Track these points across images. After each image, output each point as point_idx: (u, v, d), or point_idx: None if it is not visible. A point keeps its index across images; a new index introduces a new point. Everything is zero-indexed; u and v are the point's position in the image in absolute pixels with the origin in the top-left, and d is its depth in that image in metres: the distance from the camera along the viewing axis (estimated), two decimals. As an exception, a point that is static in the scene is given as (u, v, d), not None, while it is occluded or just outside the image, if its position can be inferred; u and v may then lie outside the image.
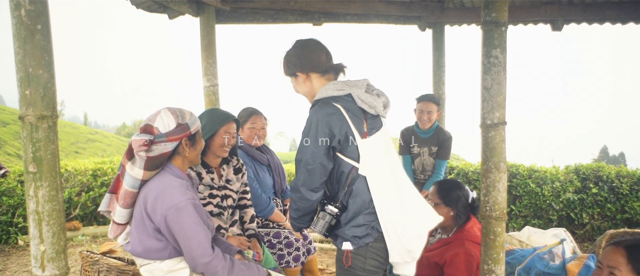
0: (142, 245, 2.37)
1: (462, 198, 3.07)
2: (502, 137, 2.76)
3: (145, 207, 2.32)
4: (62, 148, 30.25)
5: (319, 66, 2.44)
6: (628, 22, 5.40)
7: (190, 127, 2.41)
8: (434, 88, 5.89)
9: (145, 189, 2.36)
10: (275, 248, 3.60)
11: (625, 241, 2.05)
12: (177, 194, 2.27)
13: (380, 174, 2.37)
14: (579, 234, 6.07)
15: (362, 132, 2.37)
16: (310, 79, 2.47)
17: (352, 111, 2.36)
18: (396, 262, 2.38)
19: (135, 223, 2.40)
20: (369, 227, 2.34)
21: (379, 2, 5.36)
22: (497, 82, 2.73)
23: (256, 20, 5.15)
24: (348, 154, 2.35)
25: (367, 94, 2.43)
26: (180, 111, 2.42)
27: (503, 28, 2.74)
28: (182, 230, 2.26)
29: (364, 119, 2.41)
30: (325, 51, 2.48)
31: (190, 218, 2.26)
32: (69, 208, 6.56)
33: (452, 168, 6.69)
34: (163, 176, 2.37)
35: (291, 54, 2.48)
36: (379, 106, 2.45)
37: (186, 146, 2.42)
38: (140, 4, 4.63)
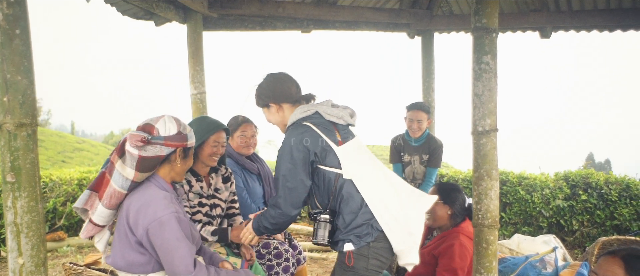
0: (124, 258, 2.29)
1: (460, 199, 3.12)
2: (494, 144, 2.73)
3: (128, 219, 2.24)
4: (48, 157, 29.95)
5: (290, 97, 2.64)
6: (615, 29, 5.42)
7: (188, 140, 2.37)
8: (424, 95, 5.87)
9: (128, 200, 2.28)
10: (265, 258, 3.53)
11: (621, 251, 2.02)
12: (160, 207, 2.20)
13: (365, 174, 2.51)
14: (568, 241, 6.06)
15: (336, 141, 2.53)
16: (282, 109, 2.66)
17: (322, 125, 2.54)
18: (400, 249, 2.45)
19: (118, 236, 2.31)
20: (367, 225, 2.42)
21: (367, 10, 5.34)
22: (488, 88, 2.70)
23: (244, 27, 5.09)
24: (329, 163, 2.48)
25: (333, 107, 2.63)
26: (183, 123, 2.40)
27: (493, 34, 2.72)
28: (164, 244, 2.18)
29: (336, 130, 2.59)
30: (295, 83, 2.70)
31: (173, 232, 2.18)
32: (54, 218, 6.44)
33: (442, 175, 6.67)
34: (147, 187, 2.30)
35: (264, 86, 2.69)
36: (345, 115, 2.63)
37: (179, 157, 2.37)
38: (126, 10, 4.56)
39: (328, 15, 5.18)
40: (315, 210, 2.57)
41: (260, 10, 4.84)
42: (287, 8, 4.92)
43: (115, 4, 4.34)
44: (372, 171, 2.55)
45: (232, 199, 3.43)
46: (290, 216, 2.51)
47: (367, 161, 2.59)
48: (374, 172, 2.56)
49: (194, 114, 4.70)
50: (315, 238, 2.51)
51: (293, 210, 2.49)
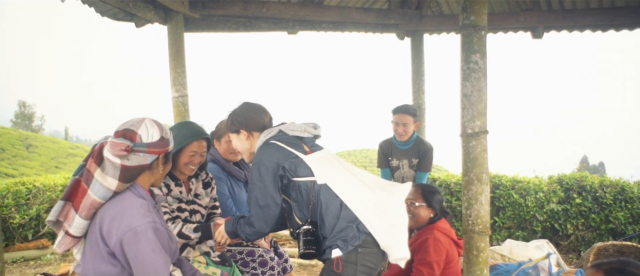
0: (95, 270, 2.12)
1: (440, 200, 3.11)
2: (484, 147, 2.63)
3: (101, 229, 2.07)
4: (42, 163, 29.83)
5: (262, 127, 2.72)
6: (608, 29, 5.34)
7: (169, 145, 2.20)
8: (414, 98, 5.76)
9: (102, 209, 2.11)
10: (249, 267, 3.42)
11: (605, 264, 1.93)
12: (136, 217, 2.03)
13: (337, 177, 2.51)
14: (563, 245, 5.96)
15: (304, 152, 2.57)
16: (252, 137, 2.73)
17: (286, 141, 2.58)
18: (387, 245, 2.40)
19: (90, 245, 2.15)
20: (352, 228, 2.40)
21: (355, 10, 5.22)
22: (478, 88, 2.60)
23: (227, 29, 4.96)
24: (301, 174, 2.49)
25: (295, 124, 2.68)
26: (163, 125, 2.22)
27: (482, 32, 2.62)
28: (138, 256, 2.01)
29: (303, 143, 2.63)
30: (269, 115, 2.79)
31: (149, 243, 2.02)
32: (38, 225, 6.30)
33: (434, 179, 6.57)
34: (123, 195, 2.13)
35: (237, 112, 2.77)
36: (309, 128, 2.68)
37: (161, 163, 2.20)
38: (105, 11, 4.43)
39: (314, 16, 5.06)
40: (296, 229, 2.56)
41: (244, 11, 4.71)
42: (272, 8, 4.79)
43: (93, 4, 4.21)
44: (343, 173, 2.55)
45: (214, 206, 3.32)
46: (264, 233, 2.60)
47: (337, 165, 2.59)
48: (345, 174, 2.55)
49: (176, 118, 4.58)
50: (301, 250, 2.47)
51: (266, 228, 2.56)
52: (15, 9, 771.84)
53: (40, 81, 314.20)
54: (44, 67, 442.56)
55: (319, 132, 2.74)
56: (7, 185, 6.45)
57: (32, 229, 6.23)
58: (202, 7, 4.66)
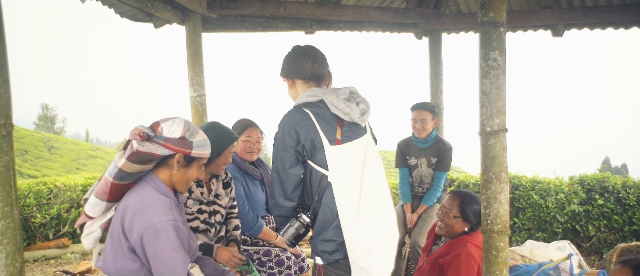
0: (115, 264, 2.16)
1: (478, 212, 2.97)
2: (503, 145, 2.58)
3: (123, 223, 2.12)
4: (63, 164, 30.29)
5: (302, 74, 2.46)
6: (632, 26, 5.22)
7: (191, 148, 2.21)
8: (432, 97, 5.72)
9: (124, 202, 2.17)
10: (266, 266, 3.43)
11: (632, 260, 1.93)
12: (158, 214, 2.07)
13: (346, 183, 2.31)
14: (585, 247, 5.85)
15: (333, 139, 2.34)
16: (295, 85, 2.50)
17: (322, 117, 2.35)
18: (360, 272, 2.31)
19: (111, 239, 2.19)
20: (337, 243, 2.32)
21: (373, 9, 5.19)
22: (497, 86, 2.56)
23: (245, 28, 4.97)
24: (317, 161, 2.33)
25: (343, 101, 2.38)
26: (194, 130, 2.24)
27: (501, 29, 2.58)
28: (157, 253, 2.04)
29: (339, 126, 2.38)
30: (313, 58, 2.46)
31: (169, 241, 2.05)
32: (59, 224, 6.38)
33: (452, 180, 6.51)
34: (145, 190, 2.18)
35: (285, 58, 2.54)
36: (353, 113, 2.38)
37: (178, 164, 2.22)
38: (124, 12, 4.48)
39: (332, 16, 5.04)
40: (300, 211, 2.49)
41: (261, 11, 4.72)
42: (289, 8, 4.79)
43: (113, 6, 4.26)
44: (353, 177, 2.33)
45: (232, 205, 3.35)
46: (285, 207, 2.44)
47: (355, 164, 2.36)
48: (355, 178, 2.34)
49: (194, 117, 4.60)
50: (284, 233, 2.48)
51: (287, 202, 2.42)
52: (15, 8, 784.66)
53: (61, 85, 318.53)
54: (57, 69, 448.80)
55: (362, 122, 2.45)
56: (29, 185, 6.54)
57: (53, 228, 6.31)
58: (220, 7, 4.67)
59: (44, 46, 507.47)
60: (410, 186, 4.57)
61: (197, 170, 2.29)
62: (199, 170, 2.30)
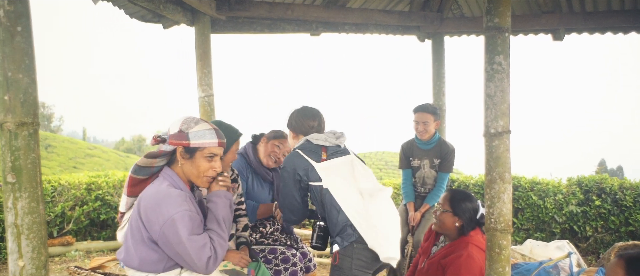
0: (137, 255, 2.26)
1: (470, 211, 3.07)
2: (507, 146, 2.66)
3: (140, 214, 2.23)
4: (60, 163, 30.19)
5: (307, 131, 3.20)
6: (630, 31, 5.31)
7: (189, 139, 2.31)
8: (435, 100, 5.80)
9: (142, 195, 2.29)
10: (271, 264, 3.47)
11: (627, 254, 2.07)
12: (173, 205, 2.18)
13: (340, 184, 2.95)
14: (582, 247, 5.95)
15: (319, 159, 3.04)
16: (297, 138, 3.24)
17: (309, 150, 3.07)
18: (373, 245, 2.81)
19: (130, 231, 2.29)
20: (347, 227, 2.85)
21: (377, 12, 5.27)
22: (501, 89, 2.64)
23: (253, 30, 5.05)
24: (312, 179, 2.99)
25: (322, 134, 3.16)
26: (192, 121, 2.35)
27: (506, 34, 2.66)
28: (181, 241, 2.16)
29: (324, 151, 3.09)
30: (317, 121, 3.23)
31: (187, 229, 2.17)
32: (63, 222, 6.44)
33: (453, 180, 6.59)
34: (161, 184, 2.29)
35: (293, 113, 3.28)
36: (330, 138, 3.13)
37: (181, 157, 2.33)
38: (134, 13, 4.54)
39: (337, 18, 5.12)
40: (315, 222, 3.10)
41: (269, 13, 4.80)
42: (296, 10, 4.87)
43: (123, 6, 4.32)
44: (345, 182, 2.98)
45: (239, 201, 3.38)
46: (291, 221, 3.21)
47: (344, 173, 3.02)
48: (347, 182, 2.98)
49: (202, 117, 4.63)
50: (312, 243, 3.06)
51: (291, 217, 3.16)
52: None
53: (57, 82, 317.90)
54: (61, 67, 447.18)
55: (341, 142, 3.17)
56: (34, 182, 6.59)
57: (57, 226, 6.36)
58: (229, 9, 4.75)
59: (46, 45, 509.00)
60: (413, 187, 4.64)
61: (206, 160, 2.34)
62: (211, 160, 2.35)
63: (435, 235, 3.30)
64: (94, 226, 6.76)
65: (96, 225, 6.76)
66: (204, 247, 2.21)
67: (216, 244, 2.27)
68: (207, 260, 2.20)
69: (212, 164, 2.36)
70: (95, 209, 6.59)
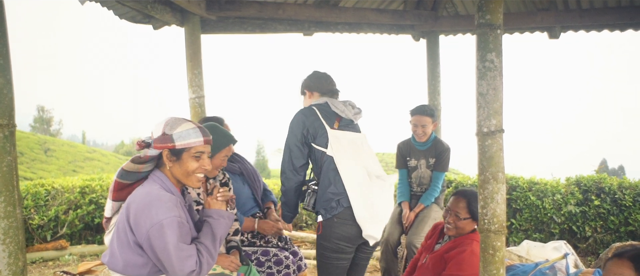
0: (122, 258, 2.22)
1: None
2: (500, 145, 2.61)
3: (128, 217, 2.18)
4: (59, 166, 30.23)
5: (320, 88, 3.28)
6: (627, 28, 5.26)
7: (174, 141, 2.25)
8: (430, 99, 5.75)
9: (130, 197, 2.24)
10: (264, 266, 3.44)
11: (628, 252, 1.98)
12: (162, 210, 2.13)
13: (346, 155, 3.04)
14: (581, 247, 5.89)
15: (332, 125, 3.10)
16: (313, 96, 3.29)
17: (325, 112, 3.13)
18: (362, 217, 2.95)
19: (117, 234, 2.25)
20: (334, 200, 2.97)
21: (371, 11, 5.22)
22: (493, 87, 2.59)
23: (243, 30, 5.00)
24: (318, 143, 3.06)
25: (342, 103, 3.18)
26: (174, 123, 2.30)
27: (498, 31, 2.61)
28: (166, 248, 2.11)
29: (337, 121, 3.14)
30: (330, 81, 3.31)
31: (174, 236, 2.12)
32: (56, 226, 6.38)
33: (450, 181, 6.53)
34: (152, 187, 2.25)
35: (306, 77, 3.37)
36: (348, 111, 3.17)
37: (168, 160, 2.28)
38: (123, 14, 4.49)
39: (330, 17, 5.07)
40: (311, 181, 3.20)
41: (260, 13, 4.74)
42: (288, 10, 4.81)
43: (112, 7, 4.27)
44: (353, 156, 3.06)
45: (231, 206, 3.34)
46: (293, 179, 3.14)
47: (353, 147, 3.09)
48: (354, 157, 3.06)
49: (193, 119, 4.58)
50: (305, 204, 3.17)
51: (294, 174, 3.13)
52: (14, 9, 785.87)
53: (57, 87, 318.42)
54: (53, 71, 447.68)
55: (356, 118, 3.23)
56: (27, 186, 6.54)
57: (51, 230, 6.31)
58: (219, 9, 4.69)
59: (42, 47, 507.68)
60: (409, 187, 4.59)
61: (194, 160, 2.29)
62: (199, 159, 2.30)
63: (439, 233, 3.30)
64: (89, 230, 6.70)
65: (91, 229, 6.70)
66: (190, 258, 2.16)
67: (204, 260, 2.22)
68: (189, 272, 2.15)
69: (201, 163, 2.31)
70: (89, 213, 6.53)
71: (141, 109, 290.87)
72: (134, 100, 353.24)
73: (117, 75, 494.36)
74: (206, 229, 2.33)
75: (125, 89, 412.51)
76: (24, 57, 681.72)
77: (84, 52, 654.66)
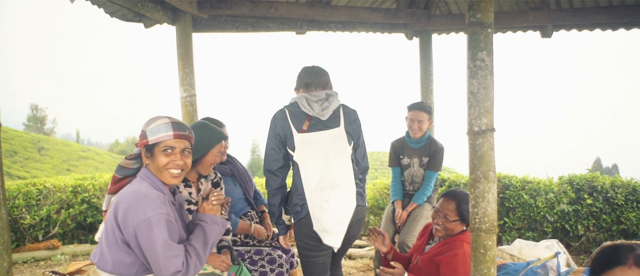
0: (111, 257, 2.20)
1: None
2: (491, 144, 2.60)
3: (116, 215, 2.16)
4: (53, 165, 30.08)
5: (300, 83, 3.22)
6: (619, 28, 5.27)
7: (147, 137, 2.27)
8: (423, 97, 5.74)
9: (119, 195, 2.23)
10: (257, 265, 3.44)
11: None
12: (150, 207, 2.11)
13: (311, 160, 3.00)
14: (574, 246, 5.90)
15: (299, 129, 3.03)
16: (299, 92, 3.22)
17: (293, 114, 3.07)
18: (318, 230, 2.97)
19: (105, 233, 2.23)
20: (298, 206, 3.03)
21: (363, 10, 5.20)
22: (484, 86, 2.58)
23: (235, 29, 4.97)
24: (289, 146, 3.06)
25: (313, 102, 3.07)
26: (151, 119, 2.32)
27: (489, 29, 2.60)
28: (153, 246, 2.10)
29: (307, 120, 3.05)
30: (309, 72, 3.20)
31: (162, 234, 2.10)
32: (48, 226, 6.34)
33: (443, 180, 6.53)
34: (140, 185, 2.24)
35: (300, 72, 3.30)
36: (316, 107, 3.06)
37: (145, 157, 2.30)
38: (114, 12, 4.46)
39: (322, 16, 5.04)
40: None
41: (252, 11, 4.71)
42: (280, 8, 4.79)
43: (102, 5, 4.24)
44: (317, 160, 3.00)
45: (221, 205, 3.32)
46: (270, 182, 3.12)
47: (320, 150, 3.02)
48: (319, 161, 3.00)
49: (184, 118, 4.58)
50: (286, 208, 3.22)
51: (270, 177, 3.11)
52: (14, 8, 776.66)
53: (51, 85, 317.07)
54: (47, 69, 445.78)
55: (324, 115, 3.05)
56: (18, 186, 6.49)
57: (42, 230, 6.27)
58: (210, 7, 4.66)
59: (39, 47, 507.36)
60: (402, 186, 4.58)
61: (164, 155, 2.27)
62: (169, 154, 2.27)
63: (429, 233, 3.29)
64: (81, 229, 6.66)
65: (83, 228, 6.66)
66: (176, 258, 2.14)
67: (191, 262, 2.20)
68: (175, 271, 2.13)
69: (171, 158, 2.27)
70: (81, 212, 6.49)
71: (136, 108, 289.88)
72: (129, 99, 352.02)
73: (113, 74, 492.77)
74: (198, 232, 2.31)
75: (121, 88, 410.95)
76: (21, 57, 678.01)
77: (81, 52, 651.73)
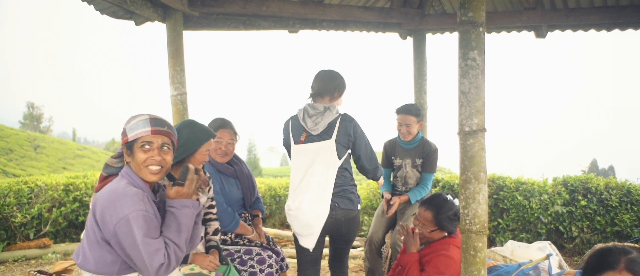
0: (93, 256, 2.18)
1: (451, 217, 3.11)
2: (482, 145, 2.58)
3: (95, 214, 2.15)
4: (50, 163, 30.04)
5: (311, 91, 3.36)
6: (613, 28, 5.24)
7: (126, 134, 2.27)
8: (416, 97, 5.70)
9: (98, 194, 2.22)
10: (247, 265, 3.42)
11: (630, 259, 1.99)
12: (128, 204, 2.10)
13: (294, 171, 3.31)
14: (568, 248, 5.88)
15: (297, 140, 3.32)
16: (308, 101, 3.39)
17: (294, 126, 3.36)
18: (296, 232, 3.36)
19: (86, 232, 2.23)
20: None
21: (357, 9, 5.16)
22: (475, 86, 2.55)
23: (227, 27, 4.91)
24: (288, 154, 3.39)
25: (308, 116, 3.26)
26: (132, 117, 2.31)
27: (480, 28, 2.57)
28: (134, 243, 2.08)
29: (305, 132, 3.29)
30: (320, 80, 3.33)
31: (141, 230, 2.08)
32: (40, 224, 6.29)
33: (437, 180, 6.50)
34: (119, 183, 2.22)
35: None
36: (309, 125, 3.24)
37: (126, 155, 2.29)
38: (104, 9, 4.41)
39: (315, 14, 4.99)
40: None
41: (244, 9, 4.66)
42: (272, 7, 4.74)
43: (92, 2, 4.20)
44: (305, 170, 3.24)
45: (210, 205, 3.32)
46: None
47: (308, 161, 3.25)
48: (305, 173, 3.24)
49: (175, 116, 4.54)
50: None
51: None
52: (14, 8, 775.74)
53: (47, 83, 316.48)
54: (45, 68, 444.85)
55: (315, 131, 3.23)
56: (9, 184, 6.44)
57: (33, 228, 6.21)
58: (202, 5, 4.61)
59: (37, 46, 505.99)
60: (394, 186, 4.55)
61: (142, 151, 2.24)
62: (147, 151, 2.25)
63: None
64: (73, 228, 6.62)
65: (75, 227, 6.62)
66: (158, 252, 2.12)
67: (171, 251, 2.18)
68: (159, 266, 2.12)
69: (149, 154, 2.25)
70: (73, 211, 6.45)
71: (136, 108, 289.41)
72: (127, 98, 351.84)
73: (112, 74, 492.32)
74: (170, 221, 2.25)
75: (119, 87, 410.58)
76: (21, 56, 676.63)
77: (80, 52, 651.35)
